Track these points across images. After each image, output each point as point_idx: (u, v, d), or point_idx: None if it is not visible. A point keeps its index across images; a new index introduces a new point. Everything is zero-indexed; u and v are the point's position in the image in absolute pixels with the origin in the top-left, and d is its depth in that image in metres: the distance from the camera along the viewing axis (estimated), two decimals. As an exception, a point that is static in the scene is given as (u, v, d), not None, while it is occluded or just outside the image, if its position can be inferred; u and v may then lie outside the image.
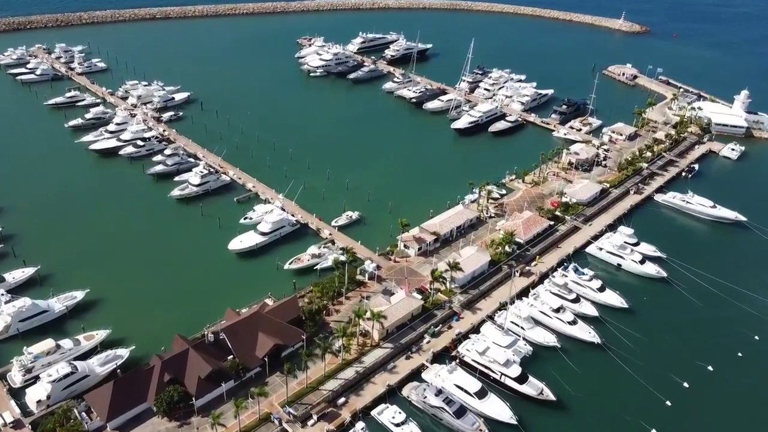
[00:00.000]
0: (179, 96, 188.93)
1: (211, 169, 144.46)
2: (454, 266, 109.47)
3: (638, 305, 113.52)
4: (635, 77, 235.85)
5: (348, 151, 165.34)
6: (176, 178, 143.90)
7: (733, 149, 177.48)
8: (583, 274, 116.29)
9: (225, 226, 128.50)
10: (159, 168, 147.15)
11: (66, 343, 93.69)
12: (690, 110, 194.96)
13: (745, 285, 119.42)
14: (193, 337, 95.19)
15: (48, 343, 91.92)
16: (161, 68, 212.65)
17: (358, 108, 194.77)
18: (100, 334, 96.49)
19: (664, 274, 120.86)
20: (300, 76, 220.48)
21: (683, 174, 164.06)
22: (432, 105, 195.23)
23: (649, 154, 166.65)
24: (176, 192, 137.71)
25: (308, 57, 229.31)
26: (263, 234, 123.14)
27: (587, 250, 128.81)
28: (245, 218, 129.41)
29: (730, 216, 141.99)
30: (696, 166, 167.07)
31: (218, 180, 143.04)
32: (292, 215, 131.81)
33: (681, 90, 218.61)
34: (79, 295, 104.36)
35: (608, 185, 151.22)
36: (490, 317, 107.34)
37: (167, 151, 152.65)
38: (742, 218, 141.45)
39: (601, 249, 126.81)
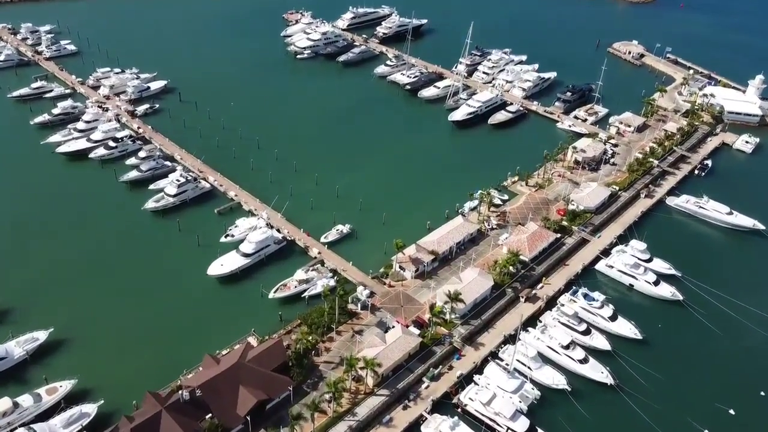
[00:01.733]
0: (155, 85, 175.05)
1: (189, 176, 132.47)
2: (455, 297, 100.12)
3: (653, 335, 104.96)
4: (642, 56, 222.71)
5: (338, 150, 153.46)
6: (151, 186, 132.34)
7: (747, 142, 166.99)
8: (594, 300, 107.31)
9: (204, 244, 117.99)
10: (133, 175, 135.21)
11: (25, 399, 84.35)
12: (701, 97, 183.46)
13: (765, 307, 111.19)
14: (168, 389, 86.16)
15: (4, 403, 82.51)
16: (136, 50, 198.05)
17: (348, 96, 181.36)
18: (65, 386, 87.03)
19: (680, 297, 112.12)
20: (286, 57, 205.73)
21: (696, 171, 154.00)
22: (428, 93, 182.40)
23: (660, 150, 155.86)
24: (151, 204, 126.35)
25: (295, 36, 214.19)
26: (246, 255, 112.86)
27: (597, 267, 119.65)
28: (226, 236, 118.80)
29: (748, 224, 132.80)
30: (709, 163, 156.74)
31: (197, 188, 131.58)
32: (278, 230, 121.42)
33: (691, 72, 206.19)
34: (41, 336, 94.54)
35: (617, 188, 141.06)
36: (494, 354, 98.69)
37: (142, 154, 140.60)
38: (761, 226, 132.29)
39: (611, 267, 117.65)
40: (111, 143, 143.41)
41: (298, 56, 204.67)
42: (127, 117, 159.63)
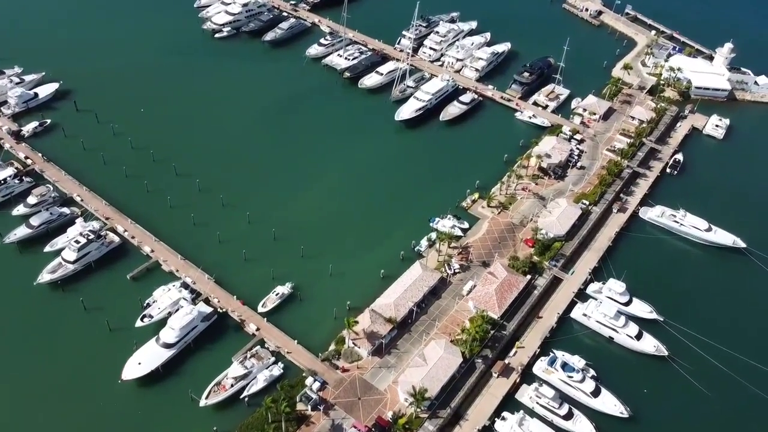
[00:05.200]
0: (44, 90, 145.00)
1: (92, 231, 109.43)
2: (421, 397, 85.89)
3: (638, 405, 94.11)
4: (600, 13, 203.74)
5: (270, 171, 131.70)
6: (47, 248, 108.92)
7: (717, 125, 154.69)
8: (573, 370, 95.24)
9: (117, 328, 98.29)
10: (21, 233, 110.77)
11: None
12: (667, 70, 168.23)
13: (752, 353, 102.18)
14: None
15: None
16: (16, 40, 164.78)
17: (277, 89, 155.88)
18: None
19: (665, 353, 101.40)
20: (202, 38, 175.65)
21: (668, 170, 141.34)
22: (370, 81, 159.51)
23: (629, 150, 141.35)
24: (46, 276, 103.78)
25: (211, 9, 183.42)
26: (168, 346, 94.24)
27: (573, 315, 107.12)
28: (143, 317, 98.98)
29: (728, 241, 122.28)
30: (680, 158, 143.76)
31: (103, 246, 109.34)
32: (207, 301, 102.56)
33: (653, 33, 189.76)
34: None
35: (587, 203, 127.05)
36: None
37: (32, 200, 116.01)
38: (741, 244, 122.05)
39: (588, 317, 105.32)
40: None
41: (216, 35, 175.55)
42: (11, 142, 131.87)
